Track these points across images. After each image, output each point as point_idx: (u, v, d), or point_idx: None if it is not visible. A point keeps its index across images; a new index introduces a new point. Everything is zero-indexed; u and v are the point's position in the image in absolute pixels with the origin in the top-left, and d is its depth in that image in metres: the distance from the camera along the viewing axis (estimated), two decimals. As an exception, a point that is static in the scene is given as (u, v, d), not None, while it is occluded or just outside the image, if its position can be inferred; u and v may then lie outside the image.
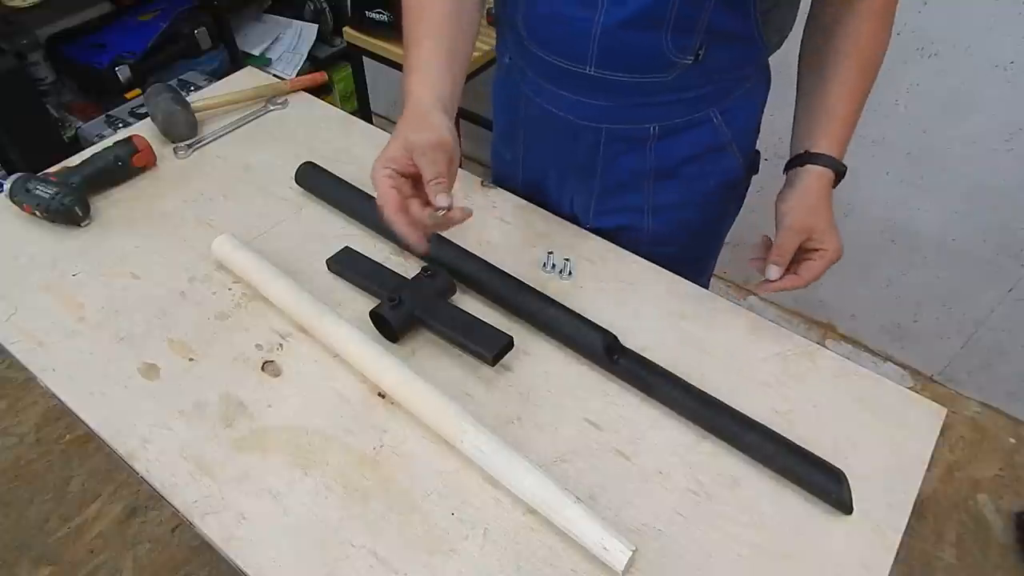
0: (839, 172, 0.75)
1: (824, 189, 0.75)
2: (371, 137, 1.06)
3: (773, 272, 0.75)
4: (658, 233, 0.91)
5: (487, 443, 0.65)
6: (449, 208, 0.66)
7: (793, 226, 0.74)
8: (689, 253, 0.94)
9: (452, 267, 0.82)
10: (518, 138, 0.94)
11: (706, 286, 0.99)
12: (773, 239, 0.76)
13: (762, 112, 0.87)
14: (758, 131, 0.88)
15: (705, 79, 0.76)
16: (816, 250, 0.74)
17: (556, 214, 0.94)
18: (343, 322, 0.75)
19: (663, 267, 0.87)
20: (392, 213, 0.66)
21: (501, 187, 0.99)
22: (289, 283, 0.79)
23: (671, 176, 0.85)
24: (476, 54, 1.72)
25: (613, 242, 0.90)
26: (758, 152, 0.92)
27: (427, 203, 0.67)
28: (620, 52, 0.72)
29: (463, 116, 2.10)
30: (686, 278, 0.86)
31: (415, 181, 0.68)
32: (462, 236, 0.89)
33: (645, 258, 0.88)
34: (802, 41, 0.81)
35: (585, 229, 0.92)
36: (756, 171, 0.94)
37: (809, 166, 0.75)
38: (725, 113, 0.80)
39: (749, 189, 0.95)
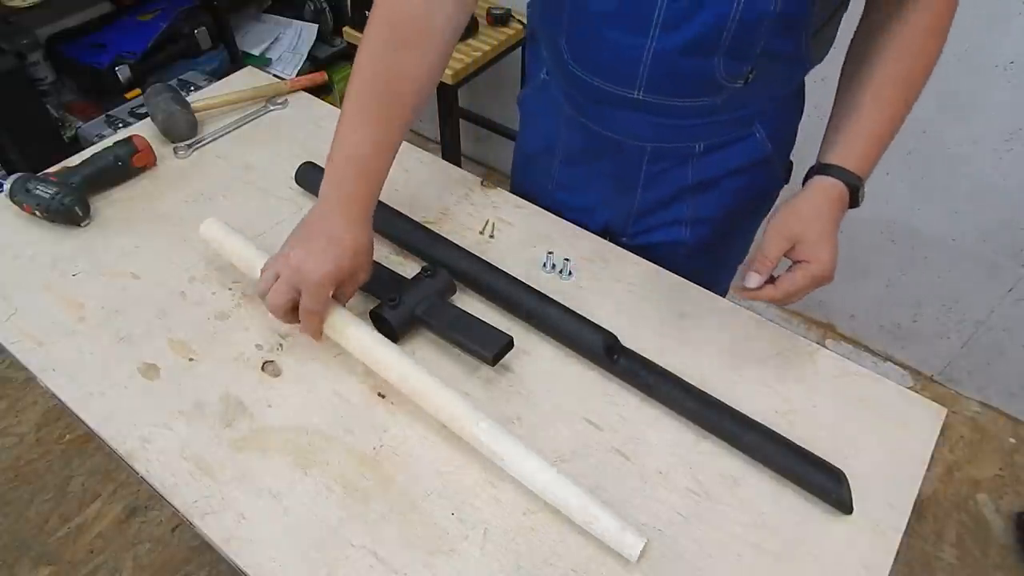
0: (852, 186, 0.70)
1: (825, 200, 0.69)
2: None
3: (751, 280, 0.69)
4: (697, 245, 0.90)
5: (499, 435, 0.65)
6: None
7: (775, 228, 0.69)
8: (724, 261, 0.93)
9: (452, 267, 0.82)
10: (555, 155, 0.92)
11: (727, 286, 1.00)
12: None
13: (798, 122, 0.87)
14: (794, 142, 0.88)
15: (752, 100, 0.75)
16: (801, 262, 0.68)
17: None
18: (343, 310, 0.73)
19: (700, 277, 0.85)
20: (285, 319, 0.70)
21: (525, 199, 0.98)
22: None
23: (712, 188, 0.84)
24: (476, 54, 1.72)
25: (650, 258, 0.88)
26: (791, 162, 0.92)
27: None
28: (670, 78, 0.71)
29: (463, 117, 2.09)
30: (718, 284, 0.86)
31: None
32: (462, 236, 0.89)
33: (682, 271, 0.86)
34: (849, 47, 0.77)
35: (619, 246, 0.90)
36: (788, 180, 0.93)
37: (817, 176, 0.71)
38: (768, 127, 0.80)
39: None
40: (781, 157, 0.85)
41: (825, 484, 0.64)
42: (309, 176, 0.94)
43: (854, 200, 0.71)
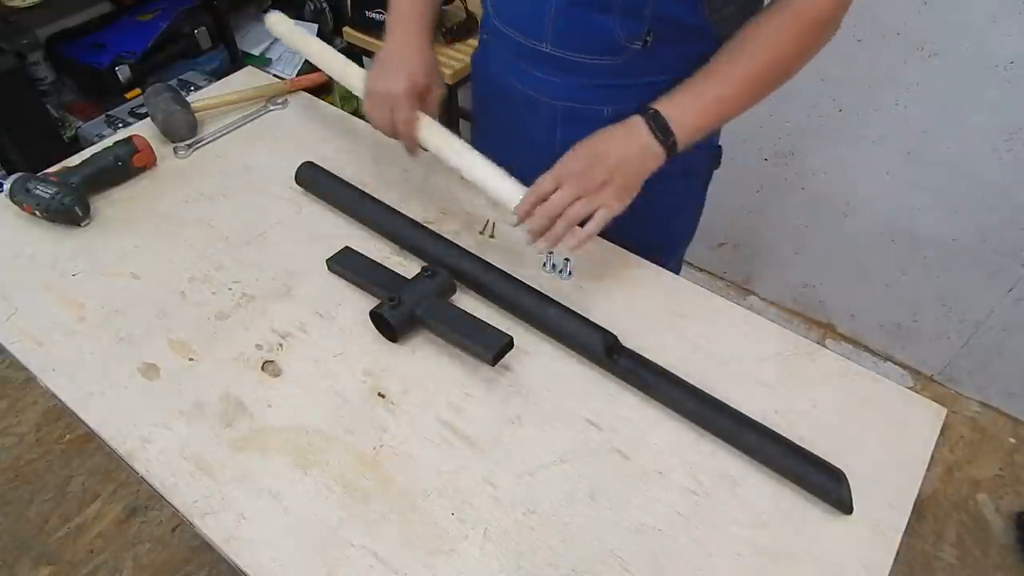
0: (662, 132, 0.72)
1: (616, 128, 0.74)
2: (371, 137, 1.06)
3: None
4: (617, 220, 0.91)
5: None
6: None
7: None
8: (648, 239, 0.93)
9: (452, 267, 0.82)
10: (489, 112, 0.97)
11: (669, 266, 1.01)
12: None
13: None
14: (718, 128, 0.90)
15: (656, 67, 0.78)
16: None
17: None
18: (432, 121, 0.84)
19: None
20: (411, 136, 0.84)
21: None
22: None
23: None
24: (476, 54, 1.72)
25: None
26: (719, 147, 0.95)
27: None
28: (573, 32, 0.76)
29: (463, 117, 2.10)
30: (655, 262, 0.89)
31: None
32: (462, 236, 0.89)
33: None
34: None
35: None
36: (717, 165, 0.97)
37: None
38: None
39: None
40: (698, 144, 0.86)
41: (825, 484, 0.64)
42: (309, 176, 0.94)
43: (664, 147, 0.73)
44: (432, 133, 0.84)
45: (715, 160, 0.97)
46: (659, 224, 0.98)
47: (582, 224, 0.75)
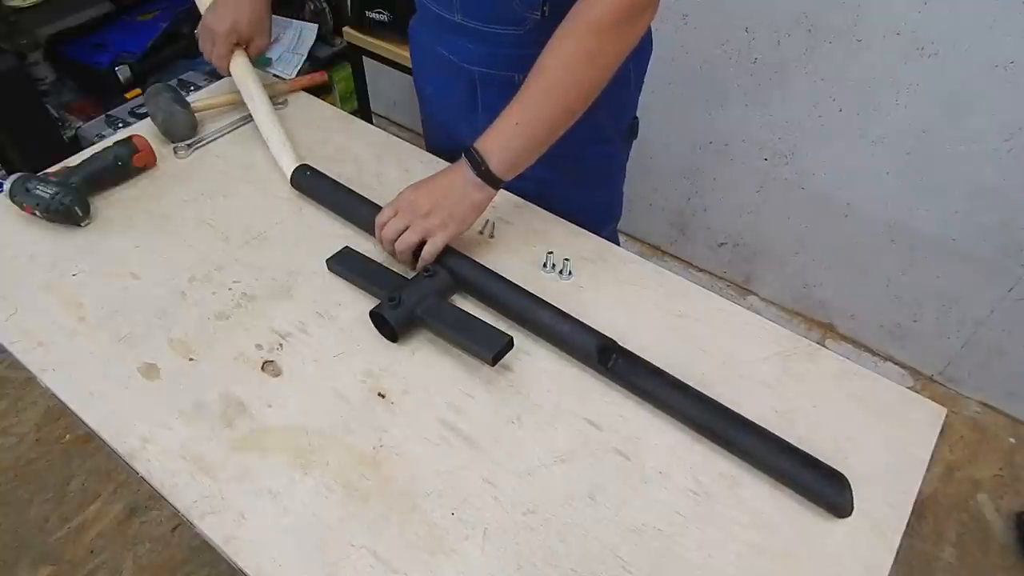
0: (476, 164, 0.77)
1: (445, 173, 0.81)
2: (371, 137, 1.06)
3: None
4: (537, 182, 0.93)
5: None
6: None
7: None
8: (570, 209, 0.95)
9: (449, 269, 0.81)
10: (424, 77, 1.04)
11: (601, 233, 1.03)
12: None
13: (636, 80, 0.94)
14: (632, 99, 0.96)
15: None
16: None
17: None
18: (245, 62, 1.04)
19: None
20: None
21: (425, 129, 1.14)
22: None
23: None
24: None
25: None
26: (636, 119, 0.99)
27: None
28: (477, 2, 0.82)
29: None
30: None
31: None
32: (462, 236, 0.89)
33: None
34: None
35: None
36: (635, 136, 1.01)
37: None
38: None
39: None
40: (609, 107, 0.88)
41: (828, 491, 0.63)
42: (305, 180, 0.93)
43: (483, 177, 0.78)
44: (239, 72, 1.03)
45: (631, 130, 1.01)
46: (577, 190, 1.00)
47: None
